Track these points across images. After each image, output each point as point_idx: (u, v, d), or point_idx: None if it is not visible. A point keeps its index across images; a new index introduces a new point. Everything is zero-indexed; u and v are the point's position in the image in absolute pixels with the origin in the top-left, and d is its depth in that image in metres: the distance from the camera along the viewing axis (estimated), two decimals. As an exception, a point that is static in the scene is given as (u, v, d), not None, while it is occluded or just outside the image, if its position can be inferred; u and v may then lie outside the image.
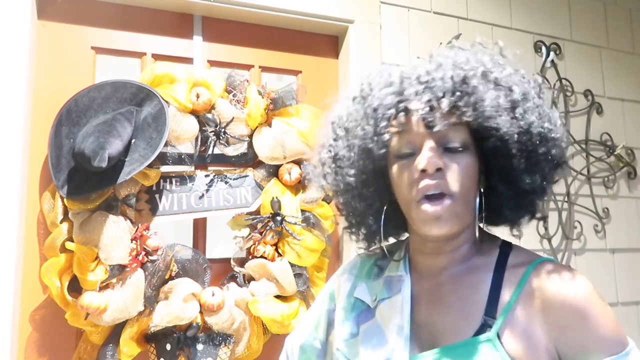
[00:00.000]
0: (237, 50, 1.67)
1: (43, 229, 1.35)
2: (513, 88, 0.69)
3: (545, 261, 0.71)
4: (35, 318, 1.34)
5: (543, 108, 0.71)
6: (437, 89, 0.68)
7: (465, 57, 0.72)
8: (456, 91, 0.67)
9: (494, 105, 0.66)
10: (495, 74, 0.70)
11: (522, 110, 0.68)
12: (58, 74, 1.44)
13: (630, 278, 2.07)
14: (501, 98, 0.68)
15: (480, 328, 0.66)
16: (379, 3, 1.79)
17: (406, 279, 0.77)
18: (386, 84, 0.72)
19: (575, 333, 0.63)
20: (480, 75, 0.69)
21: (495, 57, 0.74)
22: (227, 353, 1.37)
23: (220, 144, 1.48)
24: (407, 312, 0.73)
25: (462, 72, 0.68)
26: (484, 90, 0.67)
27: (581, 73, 2.12)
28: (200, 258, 1.43)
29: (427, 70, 0.71)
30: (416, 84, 0.69)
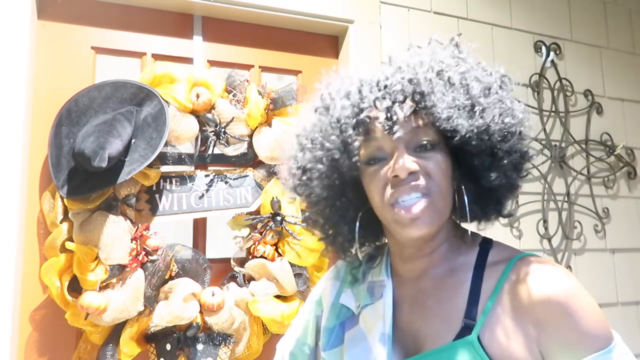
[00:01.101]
0: (237, 50, 1.67)
1: (43, 229, 1.35)
2: (471, 85, 0.67)
3: (525, 257, 0.69)
4: (35, 318, 1.34)
5: (505, 102, 0.69)
6: (395, 94, 0.67)
7: (422, 58, 0.70)
8: (415, 94, 0.66)
9: (451, 105, 0.65)
10: (450, 73, 0.68)
11: (481, 108, 0.66)
12: (58, 74, 1.44)
13: (630, 278, 2.07)
14: (459, 97, 0.66)
15: (460, 331, 0.65)
16: (379, 3, 1.79)
17: (388, 284, 0.76)
18: (346, 93, 0.71)
19: (557, 330, 0.61)
20: (436, 75, 0.67)
21: (454, 52, 0.73)
22: (227, 353, 1.37)
23: (220, 144, 1.48)
24: (389, 318, 0.72)
25: (418, 75, 0.67)
26: (439, 90, 0.66)
27: (581, 73, 2.12)
28: (200, 258, 1.43)
29: (386, 75, 0.70)
30: (375, 91, 0.69)
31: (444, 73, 0.68)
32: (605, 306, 1.99)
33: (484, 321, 0.65)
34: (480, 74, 0.70)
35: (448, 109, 0.65)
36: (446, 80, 0.67)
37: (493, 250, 0.72)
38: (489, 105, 0.67)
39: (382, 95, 0.67)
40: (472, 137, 0.66)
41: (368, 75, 0.72)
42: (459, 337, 0.65)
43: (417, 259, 0.74)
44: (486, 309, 0.65)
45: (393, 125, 0.66)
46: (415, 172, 0.66)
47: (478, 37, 1.92)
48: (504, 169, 0.68)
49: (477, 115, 0.66)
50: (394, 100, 0.66)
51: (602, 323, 0.62)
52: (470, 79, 0.68)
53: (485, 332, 0.64)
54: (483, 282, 0.68)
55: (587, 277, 1.99)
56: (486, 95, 0.68)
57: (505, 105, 0.68)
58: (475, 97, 0.67)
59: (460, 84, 0.67)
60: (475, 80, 0.68)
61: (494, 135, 0.66)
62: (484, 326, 0.64)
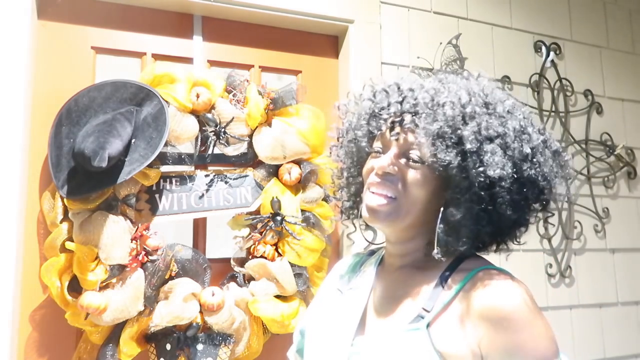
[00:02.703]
0: (237, 50, 1.67)
1: (43, 229, 1.35)
2: (469, 124, 0.72)
3: (490, 269, 0.74)
4: (35, 318, 1.34)
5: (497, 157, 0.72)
6: (409, 105, 0.77)
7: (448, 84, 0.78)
8: (424, 115, 0.74)
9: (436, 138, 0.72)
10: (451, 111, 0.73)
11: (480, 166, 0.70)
12: (58, 74, 1.44)
13: (630, 278, 2.07)
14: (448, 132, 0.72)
15: (415, 318, 0.72)
16: (379, 3, 1.79)
17: (372, 272, 0.87)
18: (373, 92, 0.84)
19: (496, 339, 0.66)
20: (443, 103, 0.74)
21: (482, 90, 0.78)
22: (227, 353, 1.37)
23: (220, 143, 1.48)
24: (363, 300, 0.82)
25: (428, 96, 0.76)
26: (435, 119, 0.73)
27: (581, 73, 2.12)
28: (200, 258, 1.43)
29: (411, 87, 0.80)
30: (395, 95, 0.80)
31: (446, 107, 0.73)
32: (605, 306, 1.99)
33: (436, 314, 0.71)
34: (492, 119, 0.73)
35: (434, 141, 0.72)
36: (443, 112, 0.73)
37: (466, 260, 0.77)
38: (480, 151, 0.71)
39: (396, 101, 0.78)
40: (443, 169, 0.72)
41: (406, 79, 0.83)
42: (412, 322, 0.72)
43: (396, 255, 0.84)
44: (441, 306, 0.72)
45: (394, 126, 0.77)
46: (392, 175, 0.75)
47: (478, 37, 1.92)
48: (468, 211, 0.72)
49: (458, 153, 0.71)
50: (405, 110, 0.77)
51: (543, 342, 0.65)
52: (472, 120, 0.72)
53: (435, 323, 0.71)
54: (447, 282, 0.74)
55: (587, 277, 1.99)
56: (482, 140, 0.72)
57: (496, 158, 0.71)
58: (466, 138, 0.71)
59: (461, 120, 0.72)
60: (477, 123, 0.72)
61: (471, 178, 0.71)
62: (435, 318, 0.71)
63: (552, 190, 0.77)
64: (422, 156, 0.74)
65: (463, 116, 0.72)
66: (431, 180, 0.74)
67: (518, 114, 0.76)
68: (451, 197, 0.73)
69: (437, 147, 0.71)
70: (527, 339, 0.65)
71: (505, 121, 0.74)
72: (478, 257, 0.79)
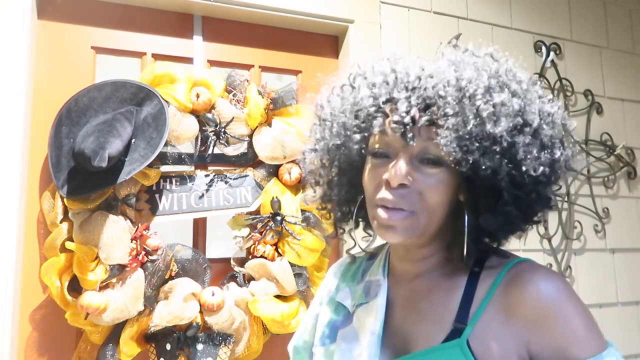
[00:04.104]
0: (237, 50, 1.67)
1: (43, 229, 1.35)
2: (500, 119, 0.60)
3: (520, 262, 0.67)
4: (35, 318, 1.34)
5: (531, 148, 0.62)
6: (419, 100, 0.63)
7: (462, 73, 0.64)
8: (438, 108, 0.62)
9: (465, 137, 0.60)
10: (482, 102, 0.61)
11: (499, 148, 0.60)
12: (58, 74, 1.44)
13: (630, 278, 2.07)
14: (480, 131, 0.60)
15: (450, 334, 0.64)
16: (379, 3, 1.79)
17: (383, 283, 0.75)
18: (371, 82, 0.68)
19: (547, 335, 0.60)
20: (468, 100, 0.61)
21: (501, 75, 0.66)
22: (227, 353, 1.37)
23: (220, 143, 1.48)
24: (380, 318, 0.71)
25: (448, 90, 0.62)
26: (462, 116, 0.60)
27: (581, 73, 2.12)
28: (200, 258, 1.43)
29: (418, 76, 0.65)
30: (402, 89, 0.65)
31: (477, 101, 0.61)
32: (605, 306, 1.99)
33: (474, 326, 0.63)
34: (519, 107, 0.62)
35: (461, 139, 0.60)
36: (475, 108, 0.61)
37: (493, 255, 0.70)
38: (514, 147, 0.61)
39: (405, 97, 0.64)
40: (477, 174, 0.61)
41: (404, 66, 0.68)
42: (448, 339, 0.64)
43: (412, 262, 0.73)
44: (477, 313, 0.64)
45: (405, 129, 0.62)
46: (407, 186, 0.64)
47: (478, 37, 1.90)
48: (505, 212, 0.64)
49: (492, 155, 0.60)
50: (416, 105, 0.63)
51: (594, 329, 0.61)
52: (503, 113, 0.61)
53: (475, 336, 0.63)
54: (477, 286, 0.67)
55: (587, 277, 1.99)
56: (514, 134, 0.61)
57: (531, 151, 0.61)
58: (498, 135, 0.60)
59: (490, 115, 0.61)
60: (508, 115, 0.61)
61: (505, 178, 0.61)
62: (474, 330, 0.63)
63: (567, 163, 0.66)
64: (440, 157, 0.62)
65: (493, 107, 0.61)
66: (450, 182, 0.64)
67: (536, 91, 0.66)
68: (486, 204, 0.64)
69: (465, 147, 0.60)
70: (580, 329, 0.60)
71: (532, 106, 0.63)
72: (499, 249, 0.71)
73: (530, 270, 0.65)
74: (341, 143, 0.71)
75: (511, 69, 0.68)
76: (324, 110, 0.75)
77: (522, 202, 0.64)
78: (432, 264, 0.72)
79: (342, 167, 0.74)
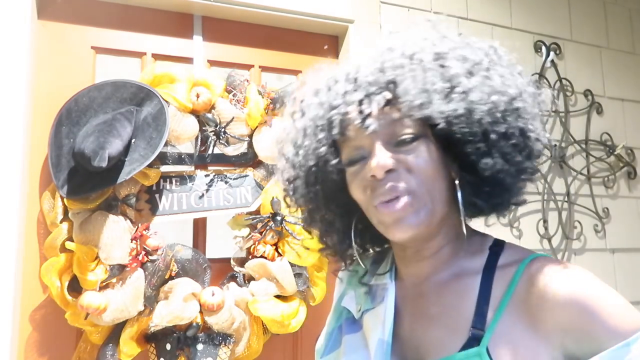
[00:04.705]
0: (237, 50, 1.67)
1: (43, 229, 1.35)
2: (449, 65, 0.60)
3: (538, 257, 0.62)
4: (35, 318, 1.34)
5: (493, 79, 0.61)
6: (367, 86, 0.61)
7: (393, 43, 0.65)
8: (388, 84, 0.61)
9: (423, 91, 0.59)
10: (423, 55, 0.61)
11: (462, 90, 0.59)
12: (58, 74, 1.44)
13: (630, 278, 2.07)
14: (434, 81, 0.59)
15: (467, 342, 0.59)
16: (379, 3, 1.79)
17: (390, 287, 0.70)
18: (315, 91, 0.67)
19: (583, 331, 0.55)
20: (408, 60, 0.61)
21: (433, 32, 0.67)
22: (227, 353, 1.37)
23: (220, 143, 1.48)
24: (389, 325, 0.66)
25: (388, 62, 0.62)
26: (410, 76, 0.60)
27: (581, 73, 2.12)
28: (200, 258, 1.43)
29: (357, 67, 0.64)
30: (345, 84, 0.63)
31: (416, 56, 0.61)
32: (605, 306, 1.99)
33: (494, 331, 0.58)
34: (464, 51, 0.63)
35: (420, 95, 0.59)
36: (418, 63, 0.61)
37: (505, 252, 0.65)
38: (474, 86, 0.59)
39: (353, 89, 0.62)
40: (454, 124, 0.59)
41: (341, 69, 0.67)
42: (465, 348, 0.59)
43: (418, 262, 0.69)
44: (496, 317, 0.59)
45: (365, 120, 0.60)
46: (394, 170, 0.60)
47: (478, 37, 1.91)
48: (502, 153, 0.60)
49: (457, 98, 0.59)
50: (366, 92, 0.61)
51: (629, 315, 0.55)
52: (448, 59, 0.61)
53: (495, 343, 0.58)
54: (492, 287, 0.61)
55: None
56: (470, 74, 0.60)
57: (494, 82, 0.60)
58: (455, 78, 0.60)
59: (437, 65, 0.61)
60: (456, 59, 0.61)
61: (483, 118, 0.59)
62: (494, 337, 0.58)
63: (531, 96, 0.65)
64: (412, 130, 0.60)
65: (437, 58, 0.61)
66: (433, 150, 0.62)
67: (470, 39, 0.68)
68: (476, 152, 0.60)
69: (432, 103, 0.59)
70: (618, 318, 0.54)
71: (471, 48, 0.64)
72: (511, 245, 0.67)
73: (553, 269, 0.59)
74: (310, 170, 0.67)
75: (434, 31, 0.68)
76: (284, 145, 0.71)
77: (504, 139, 0.60)
78: (442, 262, 0.67)
79: (322, 196, 0.69)
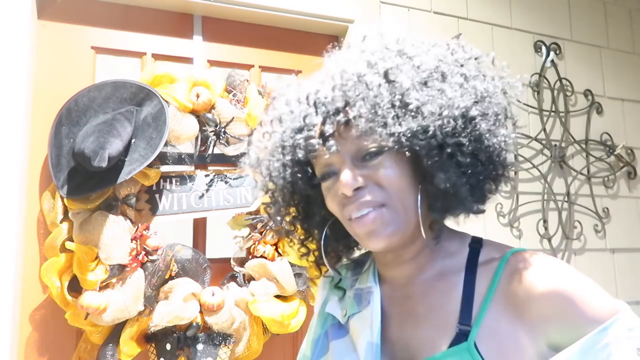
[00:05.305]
0: (237, 50, 1.67)
1: (43, 229, 1.35)
2: (398, 80, 0.61)
3: (517, 252, 0.65)
4: (35, 318, 1.34)
5: (445, 92, 0.60)
6: (325, 107, 0.63)
7: (346, 63, 0.65)
8: (344, 106, 0.62)
9: (372, 113, 0.60)
10: (370, 75, 0.62)
11: (414, 106, 0.59)
12: (58, 74, 1.44)
13: (630, 278, 2.07)
14: (383, 99, 0.60)
15: (455, 338, 0.61)
16: (379, 3, 1.79)
17: (375, 289, 0.72)
18: (278, 117, 0.69)
19: (565, 321, 0.57)
20: (357, 79, 0.62)
21: (387, 46, 0.66)
22: (227, 353, 1.37)
23: (220, 143, 1.48)
24: (377, 326, 0.67)
25: (341, 82, 0.63)
26: (361, 97, 0.61)
27: (581, 73, 2.12)
28: (200, 258, 1.43)
29: (317, 88, 0.66)
30: (305, 107, 0.65)
31: (365, 76, 0.62)
32: (605, 306, 1.99)
33: (480, 326, 0.61)
34: (418, 60, 0.63)
35: (371, 117, 0.60)
36: (368, 83, 0.61)
37: (484, 249, 0.68)
38: (426, 100, 0.59)
39: (313, 112, 0.64)
40: (406, 142, 0.59)
41: (302, 89, 0.69)
42: (454, 344, 0.61)
43: (400, 265, 0.70)
44: (481, 312, 0.61)
45: (327, 141, 0.62)
46: (364, 186, 0.62)
47: (478, 37, 1.92)
48: (458, 165, 0.61)
49: (407, 117, 0.59)
50: (325, 115, 0.63)
51: (606, 302, 0.58)
52: (399, 74, 0.61)
53: (482, 337, 0.60)
54: (476, 283, 0.64)
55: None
56: (423, 85, 0.61)
57: (449, 93, 0.60)
58: (406, 95, 0.60)
59: (385, 83, 0.61)
60: (406, 72, 0.61)
61: (436, 133, 0.59)
62: (481, 331, 0.60)
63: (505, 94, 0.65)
64: (376, 145, 0.62)
65: (385, 75, 0.61)
66: (401, 165, 0.63)
67: (427, 44, 0.66)
68: (432, 165, 0.61)
69: (383, 122, 0.59)
70: (595, 305, 0.57)
71: (424, 56, 0.63)
72: (490, 241, 0.70)
73: (532, 261, 0.62)
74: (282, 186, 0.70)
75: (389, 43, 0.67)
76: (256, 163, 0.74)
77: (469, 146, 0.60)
78: (423, 263, 0.69)
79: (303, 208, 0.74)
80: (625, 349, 0.54)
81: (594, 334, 0.55)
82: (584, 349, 0.55)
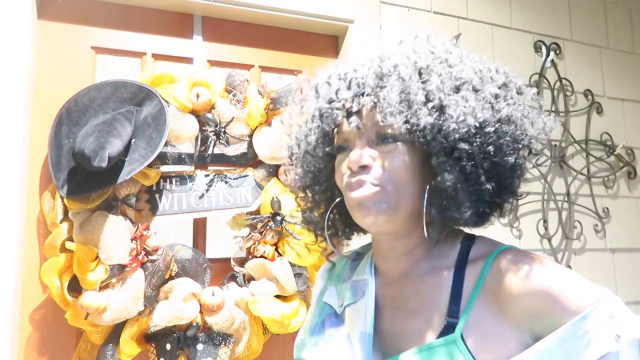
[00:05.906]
0: (237, 50, 1.67)
1: (43, 229, 1.35)
2: (429, 80, 0.65)
3: (504, 250, 0.67)
4: (35, 318, 1.34)
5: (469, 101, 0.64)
6: (357, 87, 0.69)
7: (389, 52, 0.72)
8: (374, 89, 0.68)
9: (399, 101, 0.65)
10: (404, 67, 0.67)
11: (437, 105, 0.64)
12: (58, 74, 1.44)
13: (630, 278, 2.07)
14: (410, 94, 0.64)
15: (443, 330, 0.64)
16: (379, 3, 1.79)
17: (370, 282, 0.75)
18: (315, 85, 0.75)
19: (549, 315, 0.60)
20: (393, 68, 0.67)
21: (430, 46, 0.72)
22: (227, 353, 1.37)
23: (220, 143, 1.48)
24: (370, 318, 0.70)
25: (377, 68, 0.69)
26: (391, 85, 0.66)
27: (581, 73, 2.12)
28: (200, 258, 1.43)
29: (355, 68, 0.72)
30: (339, 83, 0.71)
31: (400, 67, 0.67)
32: (605, 306, 1.99)
33: (467, 319, 0.63)
34: (453, 68, 0.67)
35: (396, 105, 0.64)
36: (401, 73, 0.67)
37: (475, 245, 0.70)
38: (450, 103, 0.64)
39: (345, 87, 0.70)
40: (421, 135, 0.64)
41: (340, 68, 0.75)
42: (442, 335, 0.64)
43: (395, 258, 0.73)
44: (468, 306, 0.64)
45: (350, 116, 0.68)
46: (369, 166, 0.67)
47: (478, 37, 1.92)
48: (464, 172, 0.64)
49: (426, 113, 0.63)
50: (355, 93, 0.69)
51: (587, 292, 0.61)
52: (432, 74, 0.66)
53: (468, 329, 0.63)
54: (465, 279, 0.67)
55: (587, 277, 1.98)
56: (455, 90, 0.65)
57: (469, 105, 0.64)
58: (432, 94, 0.64)
59: (418, 79, 0.66)
60: (438, 74, 0.66)
61: (450, 134, 0.63)
62: (467, 324, 0.63)
63: (532, 125, 0.68)
64: (394, 132, 0.66)
65: (420, 72, 0.66)
66: (412, 158, 0.66)
67: (471, 58, 0.71)
68: (438, 164, 0.64)
69: (406, 113, 0.64)
70: (577, 299, 0.60)
71: (463, 67, 0.68)
72: (482, 238, 0.72)
73: (518, 261, 0.64)
74: (308, 152, 0.77)
75: (444, 42, 0.73)
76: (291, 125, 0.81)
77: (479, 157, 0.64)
78: (417, 259, 0.72)
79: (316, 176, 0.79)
80: (605, 336, 0.57)
81: (574, 322, 0.58)
82: (564, 337, 0.58)
